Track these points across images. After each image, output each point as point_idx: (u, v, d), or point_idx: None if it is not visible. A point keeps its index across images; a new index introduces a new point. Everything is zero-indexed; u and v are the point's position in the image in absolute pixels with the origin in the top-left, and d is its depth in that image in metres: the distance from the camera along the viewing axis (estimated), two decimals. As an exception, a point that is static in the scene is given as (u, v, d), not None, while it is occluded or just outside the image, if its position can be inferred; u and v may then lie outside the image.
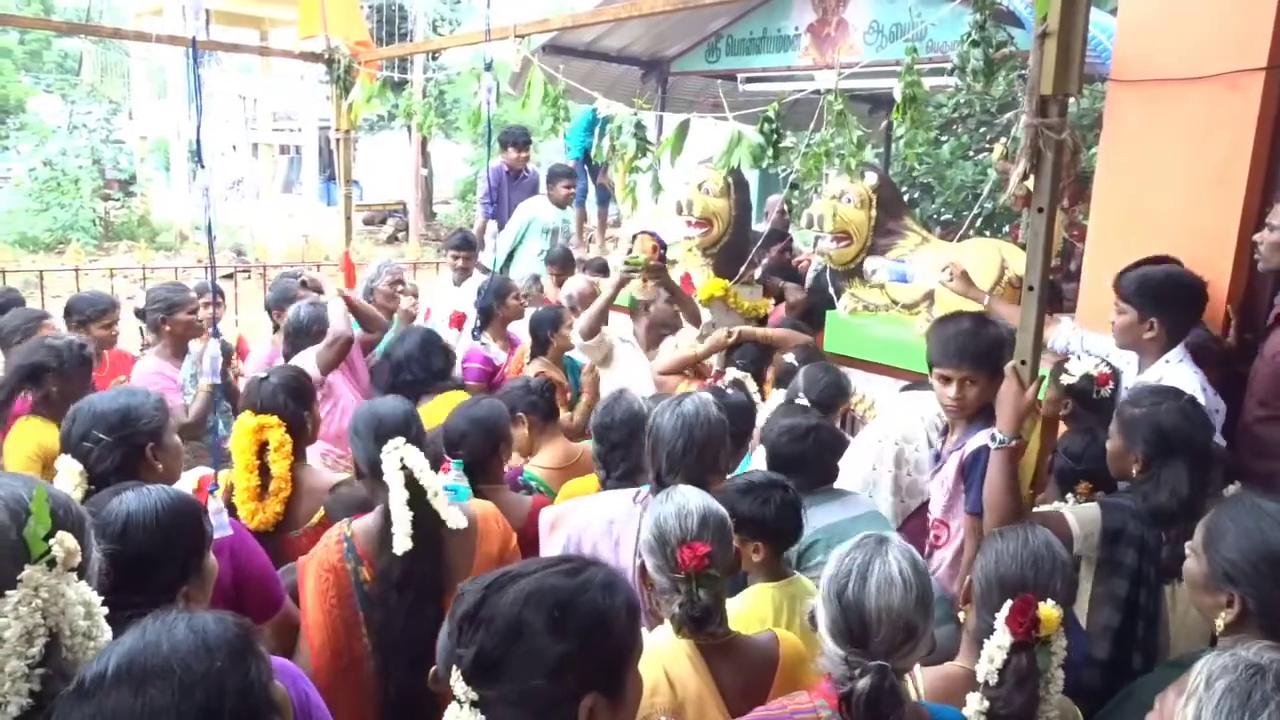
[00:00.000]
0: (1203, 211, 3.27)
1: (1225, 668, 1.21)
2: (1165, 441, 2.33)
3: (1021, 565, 1.79)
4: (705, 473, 2.34)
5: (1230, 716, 1.17)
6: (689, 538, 1.81)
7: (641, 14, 4.06)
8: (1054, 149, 2.25)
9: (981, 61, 2.54)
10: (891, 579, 1.55)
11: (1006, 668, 1.69)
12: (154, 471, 2.23)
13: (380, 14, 16.10)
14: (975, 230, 7.27)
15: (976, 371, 2.57)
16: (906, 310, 4.26)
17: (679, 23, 6.19)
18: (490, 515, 2.39)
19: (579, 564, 1.27)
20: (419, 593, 2.17)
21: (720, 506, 1.92)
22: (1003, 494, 2.24)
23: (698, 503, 1.88)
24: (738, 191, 5.06)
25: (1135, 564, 2.31)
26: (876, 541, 1.62)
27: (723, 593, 1.86)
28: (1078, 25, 2.23)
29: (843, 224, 4.32)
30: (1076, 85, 2.26)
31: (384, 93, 5.04)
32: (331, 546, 2.26)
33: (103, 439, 2.19)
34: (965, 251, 4.25)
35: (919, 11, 4.88)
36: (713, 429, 2.39)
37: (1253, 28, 3.13)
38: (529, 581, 1.21)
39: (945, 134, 10.43)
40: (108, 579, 1.38)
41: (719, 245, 5.05)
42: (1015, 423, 2.25)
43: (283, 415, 2.77)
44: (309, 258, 11.47)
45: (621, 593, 1.25)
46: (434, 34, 16.62)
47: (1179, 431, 2.33)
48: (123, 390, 2.42)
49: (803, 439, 2.68)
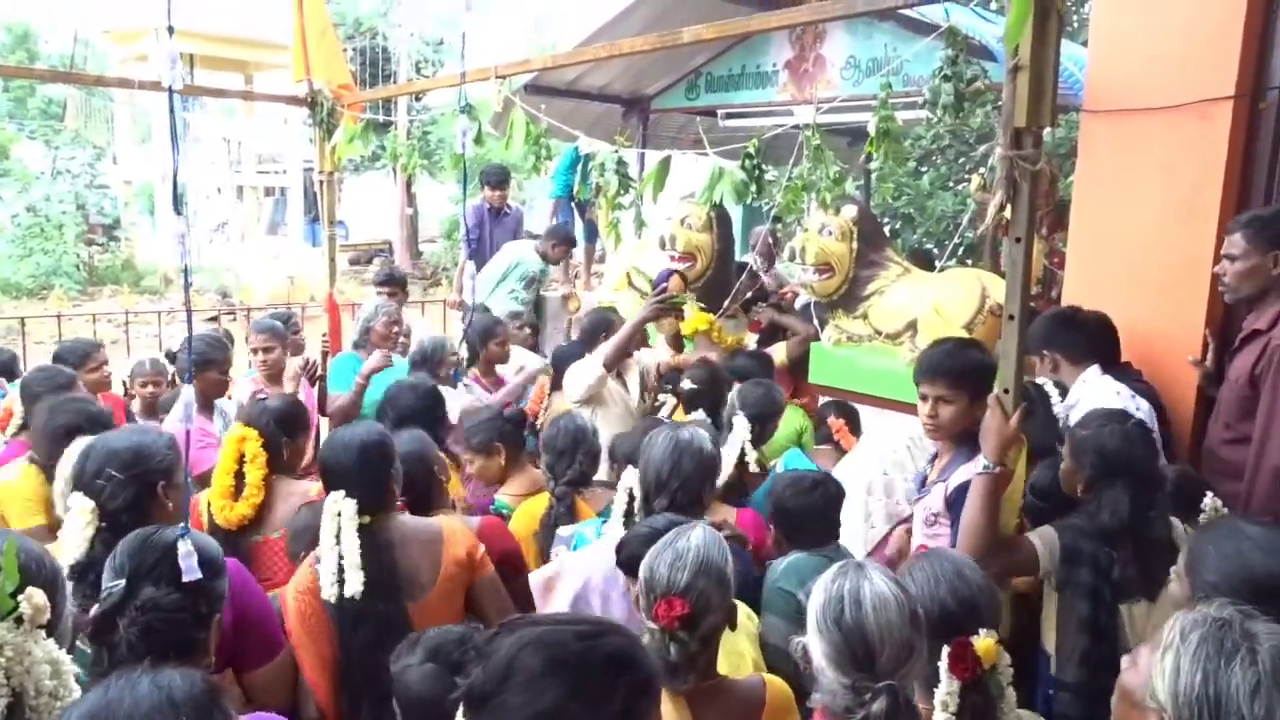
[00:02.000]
0: (1177, 239, 3.32)
1: (1196, 622, 1.33)
2: (1106, 463, 2.40)
3: (941, 601, 1.76)
4: (689, 503, 2.40)
5: (1208, 663, 1.28)
6: (673, 591, 1.75)
7: (621, 54, 4.11)
8: (1029, 180, 2.28)
9: (952, 96, 2.58)
10: (885, 598, 1.55)
11: (963, 709, 1.68)
12: (165, 510, 2.25)
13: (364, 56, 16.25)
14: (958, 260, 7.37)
15: (952, 390, 2.56)
16: (890, 340, 4.28)
17: (659, 61, 6.27)
18: (456, 525, 2.43)
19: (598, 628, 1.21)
20: (377, 631, 2.18)
21: (723, 560, 1.81)
22: (980, 519, 2.27)
23: (698, 554, 1.78)
24: (720, 226, 5.10)
25: (1091, 582, 2.35)
26: (855, 567, 1.62)
27: (700, 648, 1.77)
28: (1049, 59, 2.27)
29: (824, 256, 4.35)
30: (1049, 117, 2.29)
31: (367, 135, 5.06)
32: (307, 571, 2.30)
33: (116, 476, 2.20)
34: (946, 281, 4.29)
35: (894, 47, 4.96)
36: (703, 460, 2.47)
37: (1220, 57, 3.19)
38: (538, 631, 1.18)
39: (925, 165, 10.57)
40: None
41: (703, 279, 5.08)
42: (999, 452, 2.28)
43: (262, 433, 2.91)
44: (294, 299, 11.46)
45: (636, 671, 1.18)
46: (417, 75, 16.77)
47: (1119, 454, 2.39)
48: (135, 429, 2.45)
49: (809, 492, 2.64)
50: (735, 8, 5.11)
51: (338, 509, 2.25)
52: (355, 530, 2.22)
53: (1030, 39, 2.24)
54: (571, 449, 3.10)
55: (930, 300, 4.12)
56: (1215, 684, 1.27)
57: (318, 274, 8.66)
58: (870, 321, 4.38)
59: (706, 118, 6.70)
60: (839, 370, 4.42)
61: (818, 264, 4.36)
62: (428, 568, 2.29)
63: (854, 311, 4.44)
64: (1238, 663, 1.27)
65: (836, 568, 1.63)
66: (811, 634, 1.60)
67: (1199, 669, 1.28)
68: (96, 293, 16.49)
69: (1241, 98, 3.20)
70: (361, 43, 16.71)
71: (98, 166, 18.96)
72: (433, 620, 2.06)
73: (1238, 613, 1.33)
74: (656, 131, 7.19)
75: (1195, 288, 3.27)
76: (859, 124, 6.17)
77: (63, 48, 19.11)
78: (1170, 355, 3.36)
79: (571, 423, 3.18)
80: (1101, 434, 2.45)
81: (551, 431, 3.18)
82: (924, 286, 4.28)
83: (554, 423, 3.23)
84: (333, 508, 2.26)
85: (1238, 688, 1.26)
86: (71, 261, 16.90)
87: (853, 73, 5.39)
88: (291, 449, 3.02)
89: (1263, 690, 1.25)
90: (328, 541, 2.23)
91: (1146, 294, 3.40)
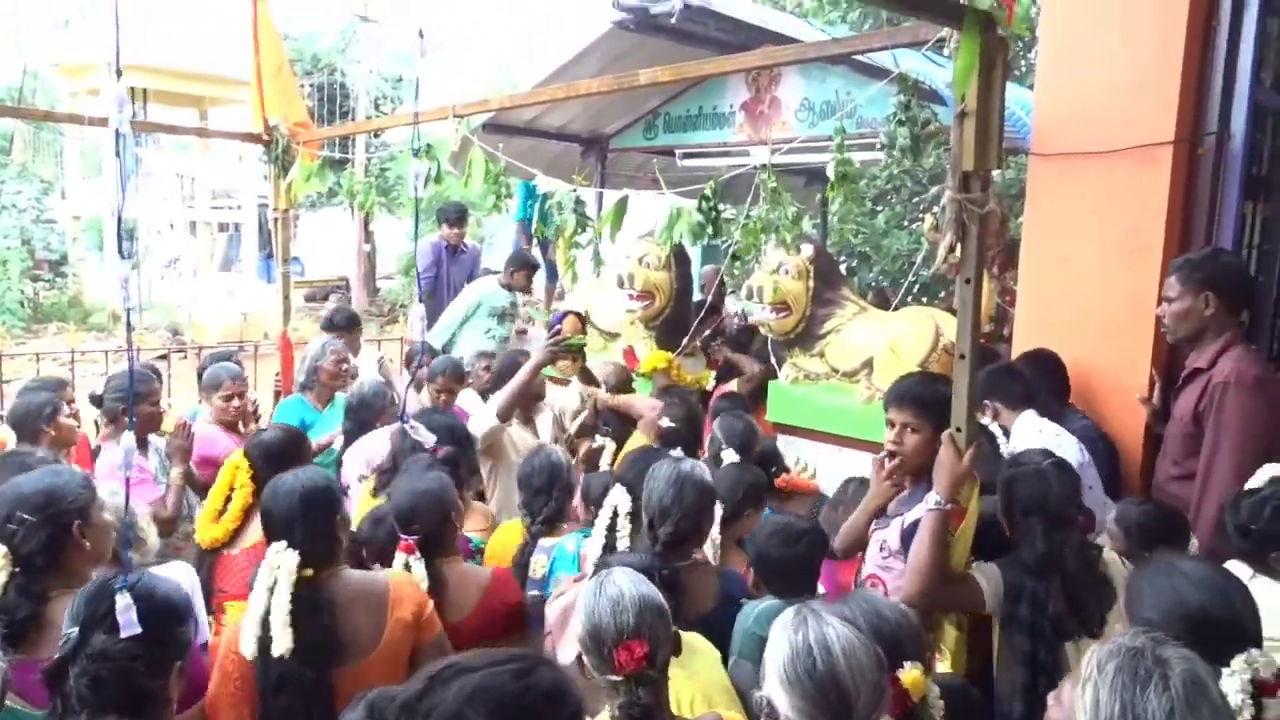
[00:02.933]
0: (1121, 279, 3.41)
1: (1111, 653, 1.38)
2: (1020, 502, 2.49)
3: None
4: (690, 531, 2.54)
5: (1124, 692, 1.32)
6: (625, 635, 1.74)
7: (578, 95, 4.16)
8: (977, 222, 2.34)
9: (909, 139, 2.65)
10: (852, 643, 1.55)
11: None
12: (82, 551, 2.19)
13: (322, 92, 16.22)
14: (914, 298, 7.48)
15: (919, 419, 2.58)
16: (847, 378, 4.33)
17: (617, 101, 6.34)
18: (404, 582, 2.36)
19: (529, 664, 1.23)
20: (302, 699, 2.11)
21: (655, 593, 1.85)
22: (927, 555, 2.30)
23: (633, 593, 1.80)
24: (679, 265, 5.15)
25: (1029, 618, 2.38)
26: (811, 613, 1.61)
27: (661, 684, 1.79)
28: (994, 105, 2.34)
29: (781, 295, 4.40)
30: (996, 161, 2.36)
31: (323, 172, 5.04)
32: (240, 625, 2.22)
33: (27, 519, 2.14)
34: (902, 320, 4.36)
35: (847, 90, 5.07)
36: (704, 491, 2.59)
37: (1159, 103, 3.31)
38: (475, 679, 1.18)
39: (880, 205, 10.77)
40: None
41: (661, 318, 5.12)
42: (951, 490, 2.32)
43: (252, 465, 3.07)
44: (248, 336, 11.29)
45: (569, 702, 1.22)
46: (376, 112, 16.76)
47: (1032, 494, 2.47)
48: (48, 470, 2.39)
49: (795, 543, 2.60)
50: (692, 50, 5.19)
51: (278, 561, 2.18)
52: (290, 586, 2.15)
53: (977, 86, 2.31)
54: (547, 485, 3.11)
55: (886, 339, 4.19)
56: (1133, 712, 1.30)
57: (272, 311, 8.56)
58: (827, 359, 4.43)
59: (664, 157, 6.77)
60: (796, 408, 4.46)
61: (775, 303, 4.41)
62: (370, 629, 2.21)
63: (811, 350, 4.49)
64: (1152, 689, 1.31)
65: (791, 616, 1.62)
66: (776, 688, 1.56)
67: (1116, 699, 1.32)
68: (41, 330, 16.12)
69: (1181, 142, 3.31)
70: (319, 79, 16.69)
71: (45, 201, 18.62)
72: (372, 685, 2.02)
73: (1149, 640, 1.38)
74: (614, 170, 7.25)
75: (1140, 327, 3.36)
76: (815, 164, 6.28)
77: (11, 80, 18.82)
78: (1119, 393, 3.44)
79: (546, 459, 3.17)
80: (1016, 474, 2.54)
81: (527, 469, 3.17)
82: (880, 325, 4.35)
83: (528, 459, 3.22)
84: (273, 560, 2.19)
85: (1154, 714, 1.29)
86: (15, 298, 16.51)
87: (807, 114, 5.49)
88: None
89: (1177, 715, 1.29)
90: (260, 594, 2.15)
91: (1094, 333, 3.48)
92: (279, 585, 2.15)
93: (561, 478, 3.14)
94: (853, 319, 4.44)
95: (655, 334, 5.15)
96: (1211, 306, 2.95)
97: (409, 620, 2.26)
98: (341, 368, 4.62)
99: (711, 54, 4.82)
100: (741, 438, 3.47)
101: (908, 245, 9.99)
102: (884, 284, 9.62)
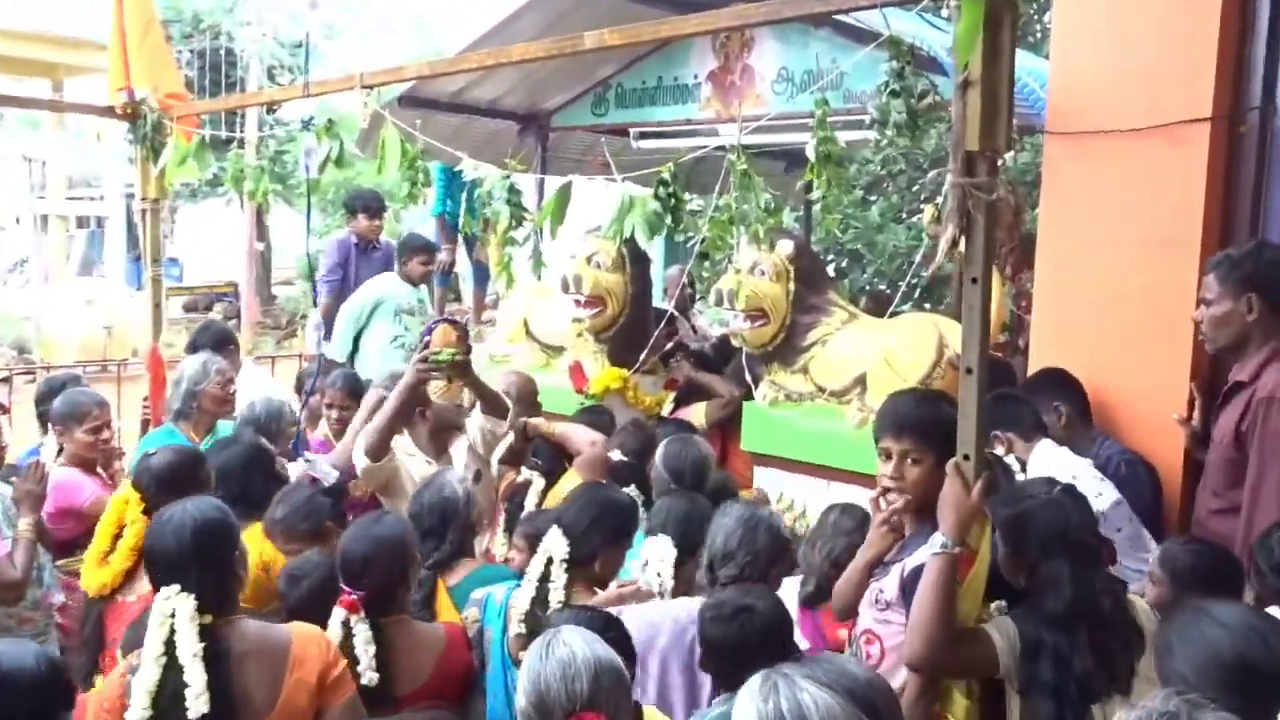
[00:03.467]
0: (1154, 277, 3.46)
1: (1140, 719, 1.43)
2: (1036, 540, 2.45)
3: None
4: (755, 578, 2.72)
5: None
6: (578, 705, 1.76)
7: (511, 61, 4.14)
8: (984, 211, 2.35)
9: (904, 113, 2.65)
10: (832, 710, 1.56)
11: None
12: None
13: (204, 60, 16.04)
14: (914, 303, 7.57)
15: (920, 446, 2.57)
16: (835, 399, 4.34)
17: (559, 70, 6.34)
18: (311, 639, 2.40)
19: None
20: None
21: (613, 655, 1.88)
22: (934, 608, 2.29)
23: (586, 655, 1.84)
24: (635, 265, 5.14)
25: (1052, 678, 2.36)
26: (780, 677, 1.60)
27: None
28: (1002, 73, 2.36)
29: (756, 300, 4.41)
30: (1004, 139, 2.38)
31: (203, 154, 4.96)
32: (115, 682, 2.27)
33: None
34: (899, 329, 4.39)
35: (832, 57, 5.12)
36: (777, 539, 2.83)
37: (1194, 75, 3.37)
38: None
39: (874, 194, 10.88)
40: None
41: (614, 328, 5.10)
42: (959, 529, 2.31)
43: (144, 498, 3.13)
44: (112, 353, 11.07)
45: None
46: (270, 84, 16.61)
47: (1052, 529, 2.44)
48: None
49: (728, 620, 2.51)
50: (648, 9, 5.21)
51: (170, 608, 2.22)
52: (196, 636, 2.20)
53: (981, 51, 2.33)
54: (440, 526, 3.15)
55: (881, 351, 4.21)
56: None
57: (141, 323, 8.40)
58: (812, 377, 4.45)
59: (617, 138, 6.79)
60: (776, 434, 4.46)
61: (749, 309, 4.42)
62: (265, 689, 2.25)
63: (792, 365, 4.51)
64: None
65: (759, 682, 1.61)
66: None
67: None
68: None
69: (1220, 119, 3.38)
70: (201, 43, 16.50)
71: None
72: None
73: (1184, 703, 1.40)
74: (558, 153, 7.25)
75: (1177, 335, 3.41)
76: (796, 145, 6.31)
77: None
78: (1151, 414, 3.49)
79: (437, 494, 3.21)
80: (1027, 509, 2.52)
81: (415, 506, 3.21)
82: (873, 335, 4.38)
83: (417, 496, 3.27)
84: (163, 607, 2.23)
85: None
86: None
87: (786, 87, 5.54)
88: None
89: None
90: (153, 649, 2.19)
91: (1121, 342, 3.54)
92: (180, 637, 2.19)
93: (458, 515, 3.17)
94: (842, 328, 4.46)
95: (607, 347, 5.13)
96: (1255, 310, 3.00)
97: (312, 683, 2.30)
98: (229, 390, 4.54)
99: (671, 13, 4.83)
100: (695, 465, 3.48)
101: (906, 241, 10.10)
102: (879, 287, 9.72)
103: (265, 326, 17.41)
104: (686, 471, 3.58)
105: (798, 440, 4.38)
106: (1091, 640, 2.36)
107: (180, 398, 4.48)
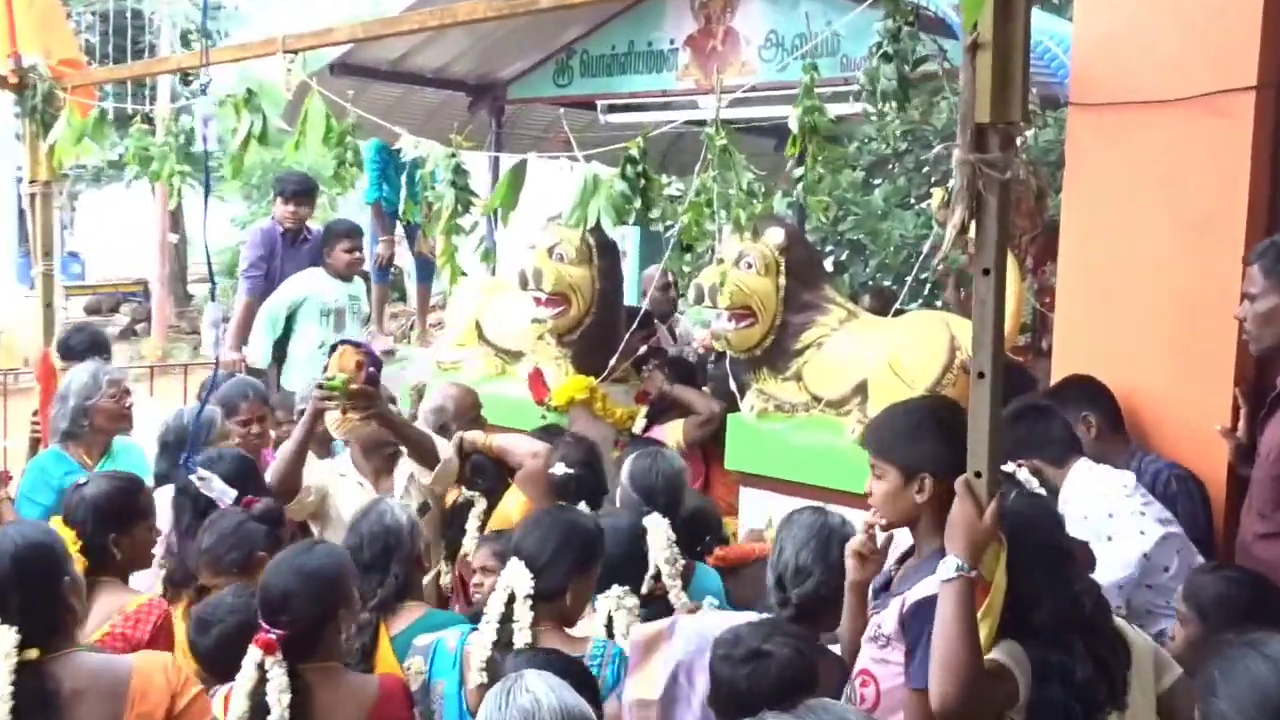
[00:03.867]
0: (1191, 264, 3.47)
1: None
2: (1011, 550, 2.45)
3: None
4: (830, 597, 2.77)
5: None
6: None
7: (458, 22, 4.12)
8: (997, 191, 2.34)
9: (894, 80, 2.65)
10: None
11: None
12: None
13: (107, 23, 15.95)
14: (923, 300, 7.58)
15: (880, 459, 2.63)
16: (833, 409, 4.33)
17: (515, 34, 6.31)
18: (155, 667, 2.47)
19: None
20: None
21: (581, 703, 1.90)
22: (959, 641, 2.28)
23: (552, 703, 1.86)
24: (603, 257, 5.13)
25: (1061, 699, 2.39)
26: None
27: None
28: (1017, 35, 2.36)
29: (742, 297, 4.39)
30: (1020, 110, 2.37)
31: (102, 130, 4.93)
32: None
33: None
34: (905, 329, 4.39)
35: (827, 19, 5.13)
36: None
37: (1235, 40, 3.38)
38: None
39: (877, 176, 10.91)
40: None
41: (580, 330, 5.09)
42: (971, 554, 2.31)
43: (80, 535, 3.04)
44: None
45: None
46: (184, 48, 16.53)
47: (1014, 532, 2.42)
48: None
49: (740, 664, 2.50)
50: (618, -36, 5.23)
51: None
52: (12, 672, 2.26)
53: (993, 10, 2.33)
54: (382, 559, 3.14)
55: (885, 355, 4.20)
56: None
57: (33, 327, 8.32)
58: (806, 384, 4.44)
59: (582, 112, 6.78)
60: (765, 450, 4.45)
61: (733, 307, 4.40)
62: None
63: (784, 371, 4.50)
64: None
65: None
66: None
67: None
68: None
69: (1266, 87, 3.39)
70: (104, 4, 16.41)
71: None
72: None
73: None
74: (514, 130, 7.25)
75: (1219, 333, 3.41)
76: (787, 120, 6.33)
77: None
78: (1190, 424, 3.50)
79: (378, 523, 3.21)
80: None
81: (354, 539, 3.21)
82: (876, 337, 4.37)
83: (354, 526, 3.26)
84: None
85: None
86: None
87: (775, 53, 5.54)
88: (127, 543, 3.17)
89: None
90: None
91: (1157, 342, 3.55)
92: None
93: (401, 546, 3.18)
94: (839, 328, 4.46)
95: (572, 352, 5.13)
96: None
97: (159, 717, 2.36)
98: (125, 404, 4.49)
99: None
100: (668, 482, 3.48)
101: (914, 230, 10.12)
102: (883, 282, 9.73)
103: (180, 330, 17.32)
104: (659, 490, 3.55)
105: (789, 457, 4.36)
106: (1084, 647, 2.41)
107: (67, 416, 4.40)
